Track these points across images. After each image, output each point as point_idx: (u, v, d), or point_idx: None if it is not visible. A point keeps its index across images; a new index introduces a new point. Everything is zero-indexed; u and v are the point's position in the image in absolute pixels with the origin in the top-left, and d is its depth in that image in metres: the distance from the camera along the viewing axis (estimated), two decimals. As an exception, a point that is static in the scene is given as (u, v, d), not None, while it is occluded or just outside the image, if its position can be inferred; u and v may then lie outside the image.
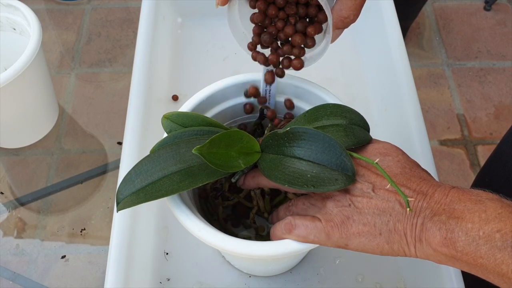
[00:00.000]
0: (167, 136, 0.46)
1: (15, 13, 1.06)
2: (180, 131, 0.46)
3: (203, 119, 0.48)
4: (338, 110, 0.47)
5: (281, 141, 0.44)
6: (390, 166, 0.42)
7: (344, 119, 0.46)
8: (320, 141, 0.42)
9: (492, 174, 0.66)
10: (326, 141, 0.42)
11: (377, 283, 0.59)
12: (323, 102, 0.51)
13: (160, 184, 0.42)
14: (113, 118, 1.49)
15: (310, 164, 0.42)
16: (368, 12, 0.81)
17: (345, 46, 0.81)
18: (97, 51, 1.60)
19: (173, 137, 0.46)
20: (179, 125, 0.47)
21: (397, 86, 0.70)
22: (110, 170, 1.35)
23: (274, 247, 0.43)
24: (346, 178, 0.41)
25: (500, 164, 0.63)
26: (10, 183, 1.34)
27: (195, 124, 0.47)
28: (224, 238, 0.43)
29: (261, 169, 0.45)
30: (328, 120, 0.46)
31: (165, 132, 0.47)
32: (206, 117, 0.48)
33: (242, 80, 0.54)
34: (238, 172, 0.49)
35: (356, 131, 0.45)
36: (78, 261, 1.23)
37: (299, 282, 0.59)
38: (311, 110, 0.48)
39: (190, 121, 0.47)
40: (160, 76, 0.75)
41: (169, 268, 0.60)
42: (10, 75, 0.94)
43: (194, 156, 0.43)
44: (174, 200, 0.45)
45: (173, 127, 0.47)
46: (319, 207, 0.43)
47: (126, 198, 0.43)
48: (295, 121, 0.48)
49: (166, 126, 0.47)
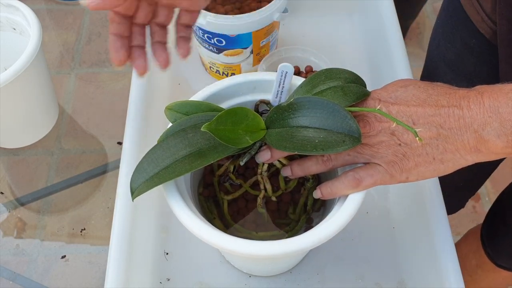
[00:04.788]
0: (173, 125, 0.47)
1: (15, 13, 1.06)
2: (186, 118, 0.47)
3: (207, 105, 0.48)
4: (332, 73, 0.48)
5: (286, 114, 0.45)
6: (415, 94, 0.44)
7: (339, 80, 0.48)
8: (324, 108, 0.43)
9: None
10: (330, 106, 0.43)
11: (377, 283, 0.59)
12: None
13: (172, 168, 0.43)
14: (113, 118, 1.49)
15: (316, 131, 0.43)
16: (368, 12, 0.81)
17: (345, 45, 0.81)
18: (97, 51, 1.60)
19: (179, 124, 0.46)
20: (183, 114, 0.48)
21: (397, 86, 0.70)
22: (110, 170, 1.36)
23: (274, 247, 0.43)
24: (353, 139, 0.42)
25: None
26: (10, 183, 1.34)
27: (199, 111, 0.48)
28: (224, 237, 0.43)
29: (269, 143, 0.46)
30: (324, 84, 0.47)
31: (170, 123, 0.48)
32: (209, 104, 0.49)
33: (252, 79, 0.53)
34: (246, 155, 0.49)
35: (353, 88, 0.47)
36: (78, 261, 1.23)
37: (299, 282, 0.59)
38: (307, 80, 0.49)
39: (194, 109, 0.48)
40: (160, 76, 0.75)
41: (169, 268, 0.60)
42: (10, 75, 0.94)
43: (202, 139, 0.44)
44: (175, 200, 0.45)
45: (177, 116, 0.48)
46: (370, 154, 0.44)
47: (140, 186, 0.44)
48: (295, 93, 0.49)
49: (170, 116, 0.48)
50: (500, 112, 0.40)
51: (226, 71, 0.75)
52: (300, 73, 0.73)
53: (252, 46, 0.71)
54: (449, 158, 0.42)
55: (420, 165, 0.43)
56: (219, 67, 0.74)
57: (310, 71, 0.73)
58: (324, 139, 0.43)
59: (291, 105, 0.45)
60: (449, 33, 0.70)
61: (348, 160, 0.46)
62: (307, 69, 0.73)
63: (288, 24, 0.82)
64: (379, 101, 0.45)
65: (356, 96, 0.46)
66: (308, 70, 0.73)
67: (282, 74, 0.49)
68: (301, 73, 0.73)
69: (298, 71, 0.73)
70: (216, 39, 0.69)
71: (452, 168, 0.43)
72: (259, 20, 0.67)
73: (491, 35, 0.62)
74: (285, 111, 0.45)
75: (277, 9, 0.67)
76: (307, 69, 0.73)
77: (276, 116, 0.46)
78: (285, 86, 0.50)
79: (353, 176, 0.45)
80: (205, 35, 0.69)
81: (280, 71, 0.48)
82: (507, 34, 0.57)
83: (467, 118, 0.41)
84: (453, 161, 0.42)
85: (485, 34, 0.63)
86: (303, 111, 0.44)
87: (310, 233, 0.43)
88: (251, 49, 0.71)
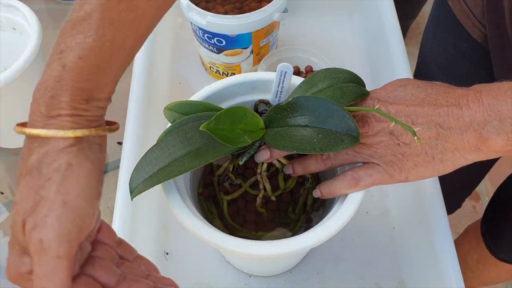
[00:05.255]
0: (172, 125, 0.47)
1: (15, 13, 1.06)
2: (185, 118, 0.47)
3: (206, 105, 0.48)
4: (331, 73, 0.48)
5: (285, 113, 0.45)
6: (414, 94, 0.44)
7: (338, 79, 0.48)
8: (323, 107, 0.43)
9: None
10: (329, 105, 0.43)
11: (377, 283, 0.59)
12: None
13: (171, 167, 0.43)
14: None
15: (315, 130, 0.43)
16: (368, 12, 0.81)
17: (344, 45, 0.81)
18: (97, 51, 1.60)
19: (178, 124, 0.46)
20: (182, 114, 0.48)
21: (397, 86, 0.70)
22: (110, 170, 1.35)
23: (274, 247, 0.43)
24: (351, 139, 0.42)
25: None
26: (10, 183, 1.34)
27: (198, 111, 0.48)
28: (224, 237, 0.43)
29: (268, 143, 0.46)
30: (323, 84, 0.47)
31: (169, 123, 0.48)
32: (209, 104, 0.49)
33: (252, 79, 0.53)
34: (245, 154, 0.49)
35: (351, 88, 0.47)
36: (78, 261, 1.22)
37: (299, 282, 0.59)
38: (306, 80, 0.49)
39: (193, 109, 0.48)
40: (160, 76, 0.75)
41: (169, 268, 0.60)
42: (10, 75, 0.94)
43: (201, 138, 0.44)
44: (175, 200, 0.45)
45: (176, 116, 0.48)
46: (369, 153, 0.44)
47: (139, 186, 0.44)
48: (294, 93, 0.49)
49: (169, 116, 0.48)
50: (499, 110, 0.40)
51: (226, 71, 0.75)
52: (300, 73, 0.73)
53: (252, 46, 0.71)
54: (448, 157, 0.42)
55: (420, 165, 0.43)
56: (219, 67, 0.74)
57: (310, 71, 0.73)
58: (323, 138, 0.43)
59: (290, 104, 0.45)
60: (440, 37, 0.70)
61: (347, 159, 0.46)
62: (307, 69, 0.73)
63: (288, 24, 0.82)
64: (378, 101, 0.45)
65: (355, 96, 0.46)
66: (308, 70, 0.73)
67: (281, 74, 0.48)
68: (301, 73, 0.73)
69: (298, 71, 0.73)
70: (216, 39, 0.69)
71: (451, 167, 0.43)
72: (259, 20, 0.67)
73: (483, 39, 0.62)
74: (284, 111, 0.45)
75: (277, 9, 0.67)
76: (307, 69, 0.73)
77: (275, 116, 0.46)
78: (284, 86, 0.50)
79: (351, 176, 0.45)
80: (205, 35, 0.69)
81: (280, 71, 0.48)
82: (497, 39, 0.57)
83: (467, 117, 0.41)
84: (452, 160, 0.42)
85: (476, 38, 0.63)
86: (302, 110, 0.44)
87: (310, 233, 0.43)
88: (251, 49, 0.71)
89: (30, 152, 0.34)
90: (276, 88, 0.50)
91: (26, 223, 0.33)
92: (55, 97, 0.34)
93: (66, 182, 0.33)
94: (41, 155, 0.34)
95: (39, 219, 0.32)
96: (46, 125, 0.34)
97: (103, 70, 0.35)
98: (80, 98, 0.34)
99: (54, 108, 0.34)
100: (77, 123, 0.34)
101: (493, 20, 0.56)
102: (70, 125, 0.34)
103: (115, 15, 0.35)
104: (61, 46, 0.34)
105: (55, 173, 0.33)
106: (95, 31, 0.34)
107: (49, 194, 0.33)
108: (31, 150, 0.34)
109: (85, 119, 0.35)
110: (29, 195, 0.33)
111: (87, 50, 0.34)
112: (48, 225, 0.32)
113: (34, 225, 0.32)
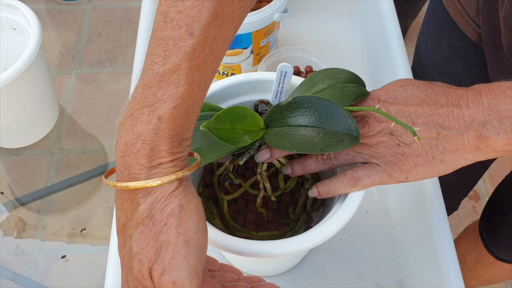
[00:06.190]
0: None
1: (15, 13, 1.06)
2: None
3: (206, 105, 0.48)
4: (331, 73, 0.48)
5: (285, 113, 0.45)
6: (414, 94, 0.44)
7: (338, 80, 0.48)
8: (323, 107, 0.43)
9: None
10: (329, 105, 0.43)
11: (377, 283, 0.59)
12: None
13: None
14: (113, 118, 1.48)
15: (315, 130, 0.43)
16: (368, 12, 0.81)
17: (345, 45, 0.81)
18: (97, 51, 1.60)
19: None
20: None
21: (397, 86, 0.70)
22: (110, 170, 1.35)
23: (274, 247, 0.43)
24: (351, 139, 0.43)
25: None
26: (10, 183, 1.34)
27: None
28: (224, 237, 0.43)
29: (268, 142, 0.46)
30: (324, 84, 0.48)
31: None
32: (208, 103, 0.49)
33: (252, 79, 0.53)
34: (246, 154, 0.49)
35: (352, 88, 0.47)
36: (78, 261, 1.23)
37: (299, 282, 0.59)
38: (306, 80, 0.49)
39: None
40: (160, 76, 0.75)
41: (169, 268, 0.60)
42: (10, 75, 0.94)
43: (201, 138, 0.44)
44: (174, 200, 0.45)
45: None
46: (369, 154, 0.44)
47: None
48: (294, 93, 0.49)
49: None
50: (499, 110, 0.40)
51: (226, 71, 0.75)
52: (300, 73, 0.73)
53: (252, 46, 0.71)
54: (449, 157, 0.42)
55: (420, 165, 0.43)
56: (219, 67, 0.74)
57: (310, 71, 0.73)
58: (323, 138, 0.43)
59: (290, 104, 0.45)
60: (435, 36, 0.70)
61: (347, 159, 0.46)
62: (307, 69, 0.73)
63: (288, 24, 0.82)
64: (378, 101, 0.45)
65: (355, 96, 0.46)
66: (308, 70, 0.73)
67: (281, 74, 0.48)
68: (301, 73, 0.73)
69: (298, 71, 0.73)
70: (216, 39, 0.69)
71: (451, 167, 0.43)
72: (259, 20, 0.67)
73: (477, 38, 0.62)
74: (284, 110, 0.45)
75: (277, 9, 0.67)
76: (307, 69, 0.73)
77: (275, 115, 0.46)
78: (284, 86, 0.50)
79: (351, 175, 0.45)
80: (205, 35, 0.69)
81: (280, 71, 0.48)
82: (490, 38, 0.57)
83: (467, 117, 0.41)
84: (453, 160, 0.42)
85: (470, 37, 0.63)
86: (302, 110, 0.44)
87: (310, 233, 0.43)
88: (251, 49, 0.71)
89: (135, 203, 0.36)
90: (276, 88, 0.50)
91: (152, 270, 0.35)
92: (155, 148, 0.35)
93: (183, 223, 0.35)
94: (150, 204, 0.35)
95: (167, 263, 0.34)
96: (149, 175, 0.35)
97: (191, 113, 0.37)
98: (176, 143, 0.36)
99: (155, 158, 0.35)
100: (176, 166, 0.36)
101: (486, 19, 0.56)
102: (173, 169, 0.36)
103: (200, 61, 0.36)
104: (149, 99, 0.36)
105: (171, 218, 0.35)
106: (185, 80, 0.35)
107: (169, 238, 0.34)
108: (134, 201, 0.36)
109: (181, 159, 0.36)
110: (149, 244, 0.35)
111: (180, 100, 0.35)
112: (177, 267, 0.34)
113: (162, 269, 0.34)
